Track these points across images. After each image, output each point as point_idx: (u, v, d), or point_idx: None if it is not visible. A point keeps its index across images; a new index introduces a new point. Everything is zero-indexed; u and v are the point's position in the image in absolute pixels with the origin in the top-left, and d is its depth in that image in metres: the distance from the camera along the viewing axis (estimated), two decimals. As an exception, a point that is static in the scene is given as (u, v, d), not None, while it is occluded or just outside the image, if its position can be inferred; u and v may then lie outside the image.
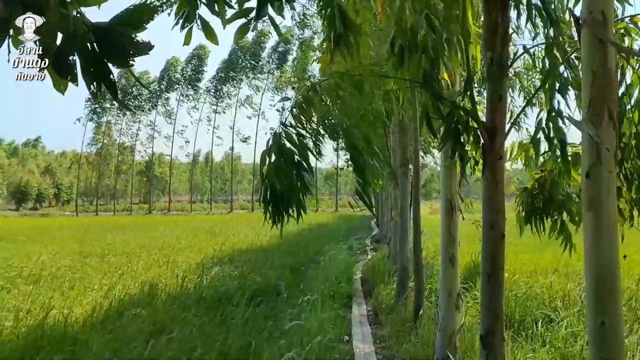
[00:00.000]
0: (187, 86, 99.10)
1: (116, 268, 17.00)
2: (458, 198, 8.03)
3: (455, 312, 7.55)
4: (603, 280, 3.04)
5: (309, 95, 4.81)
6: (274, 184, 4.23)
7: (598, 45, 3.12)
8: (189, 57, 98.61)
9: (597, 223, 3.05)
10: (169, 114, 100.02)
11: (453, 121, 4.37)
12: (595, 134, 3.05)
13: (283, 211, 4.33)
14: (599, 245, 3.05)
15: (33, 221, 59.80)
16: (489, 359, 4.28)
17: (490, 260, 4.30)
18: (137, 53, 2.14)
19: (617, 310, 3.06)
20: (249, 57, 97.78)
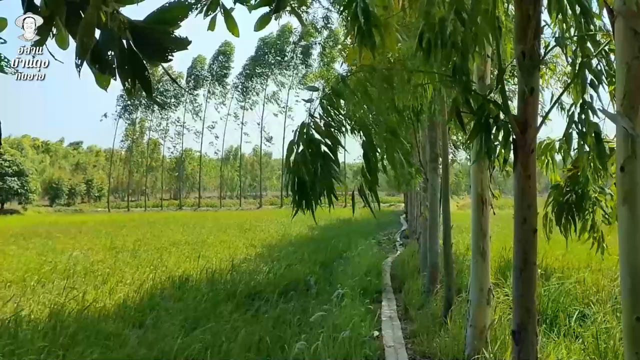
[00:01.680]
0: (215, 83, 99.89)
1: (148, 263, 17.24)
2: (489, 192, 7.96)
3: (487, 307, 7.50)
4: (638, 276, 2.99)
5: (338, 87, 4.81)
6: (300, 173, 4.23)
7: (632, 37, 3.07)
8: (215, 54, 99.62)
9: (632, 217, 3.00)
10: (196, 111, 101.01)
11: (483, 115, 4.33)
12: (630, 126, 3.00)
13: (312, 199, 4.32)
14: (634, 239, 3.00)
15: (66, 217, 60.79)
16: (521, 354, 4.25)
17: (522, 255, 4.25)
18: (176, 48, 2.16)
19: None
20: (275, 52, 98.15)
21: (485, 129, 4.32)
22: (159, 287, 13.01)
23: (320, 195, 4.32)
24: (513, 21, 4.47)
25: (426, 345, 8.36)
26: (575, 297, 10.35)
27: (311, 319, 9.29)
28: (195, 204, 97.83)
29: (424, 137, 14.26)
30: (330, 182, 4.33)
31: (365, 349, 8.04)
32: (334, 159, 4.35)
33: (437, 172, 12.18)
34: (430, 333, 8.75)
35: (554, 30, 4.86)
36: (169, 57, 2.18)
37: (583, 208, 5.79)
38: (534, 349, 4.31)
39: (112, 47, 2.10)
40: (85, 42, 2.11)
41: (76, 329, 8.75)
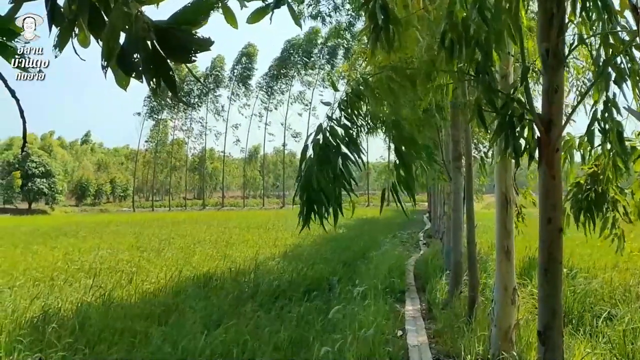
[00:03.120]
0: (239, 84, 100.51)
1: (172, 262, 17.38)
2: (513, 191, 7.91)
3: (511, 307, 7.45)
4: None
5: (359, 89, 4.81)
6: (312, 181, 4.23)
7: (658, 34, 3.04)
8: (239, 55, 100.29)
9: (659, 217, 2.97)
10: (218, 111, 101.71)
11: (507, 114, 4.31)
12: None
13: (319, 211, 4.32)
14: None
15: (92, 217, 61.63)
16: (547, 355, 4.22)
17: (547, 255, 4.23)
18: (200, 49, 2.19)
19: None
20: (302, 53, 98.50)
21: (509, 128, 4.30)
22: (183, 286, 13.12)
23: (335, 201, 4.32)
24: (536, 20, 4.44)
25: (450, 345, 8.32)
26: (601, 297, 10.25)
27: (329, 315, 9.33)
28: (219, 203, 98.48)
29: (446, 135, 14.20)
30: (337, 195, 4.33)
31: (389, 347, 8.05)
32: (355, 161, 4.35)
33: (460, 171, 12.10)
34: (454, 333, 8.71)
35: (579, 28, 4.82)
36: (192, 58, 2.20)
37: (602, 206, 5.74)
38: (560, 350, 4.29)
39: (137, 50, 2.13)
40: (112, 46, 2.14)
41: (102, 326, 8.86)
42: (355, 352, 7.48)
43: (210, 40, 2.16)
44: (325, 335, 8.47)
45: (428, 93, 5.83)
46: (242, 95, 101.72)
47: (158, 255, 20.01)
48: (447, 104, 9.12)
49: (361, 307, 10.10)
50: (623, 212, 5.99)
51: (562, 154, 5.65)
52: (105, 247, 22.50)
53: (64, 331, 8.49)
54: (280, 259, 18.23)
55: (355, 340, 7.79)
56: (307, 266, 15.66)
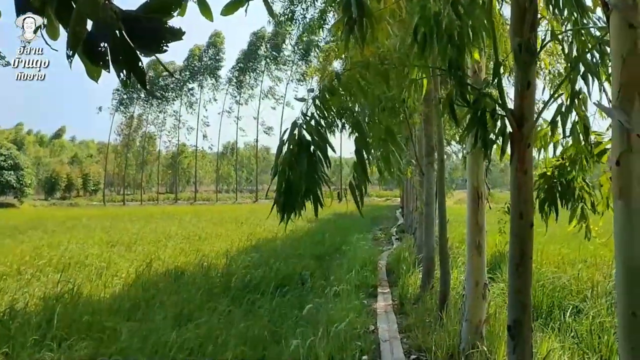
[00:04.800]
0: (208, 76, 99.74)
1: (143, 257, 17.22)
2: (484, 187, 7.95)
3: (482, 301, 7.50)
4: (634, 271, 2.97)
5: (332, 85, 4.78)
6: (288, 175, 4.19)
7: (628, 30, 3.05)
8: (206, 46, 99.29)
9: (627, 212, 2.98)
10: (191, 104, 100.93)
11: (479, 109, 4.31)
12: (625, 120, 2.97)
13: (295, 204, 4.29)
14: (630, 234, 2.98)
15: (62, 211, 60.78)
16: (517, 349, 4.24)
17: (518, 250, 4.24)
18: (170, 39, 2.13)
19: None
20: (270, 48, 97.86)
21: (481, 123, 4.31)
22: (154, 281, 13.01)
23: (306, 198, 4.28)
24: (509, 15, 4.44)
25: (421, 339, 8.35)
26: (570, 291, 10.38)
27: (302, 310, 9.31)
28: (191, 198, 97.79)
29: (419, 131, 14.26)
30: (315, 190, 4.29)
31: (361, 342, 8.05)
32: (322, 159, 4.31)
33: (432, 166, 12.16)
34: (425, 327, 8.76)
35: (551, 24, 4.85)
36: (163, 48, 2.15)
37: (568, 198, 5.80)
38: (529, 344, 4.31)
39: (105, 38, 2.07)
40: (77, 32, 2.07)
41: (70, 321, 8.73)
42: (326, 347, 7.47)
43: (181, 31, 2.11)
44: (297, 330, 8.44)
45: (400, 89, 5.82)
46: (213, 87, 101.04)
47: (129, 250, 19.82)
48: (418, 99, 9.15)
49: (333, 302, 10.10)
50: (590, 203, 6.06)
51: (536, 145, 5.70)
52: (74, 242, 22.20)
53: (31, 326, 8.35)
54: (253, 253, 18.17)
55: (327, 335, 7.78)
56: (279, 261, 15.61)
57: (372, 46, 5.60)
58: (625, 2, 3.06)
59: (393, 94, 5.76)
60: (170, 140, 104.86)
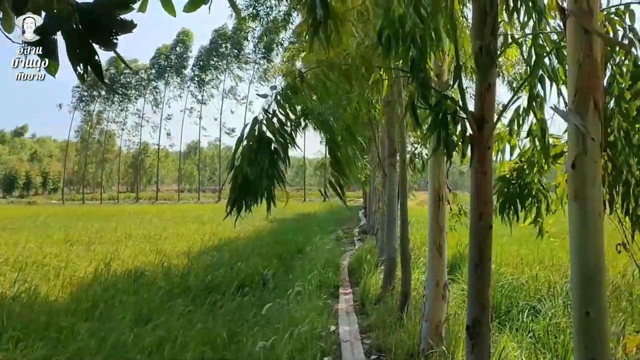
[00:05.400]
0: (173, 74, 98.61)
1: (102, 256, 16.94)
2: (446, 188, 8.04)
3: (442, 302, 7.57)
4: (588, 271, 3.04)
5: (295, 84, 4.77)
6: (245, 171, 4.18)
7: (583, 36, 3.12)
8: (173, 43, 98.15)
9: (583, 214, 3.04)
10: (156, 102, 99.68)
11: (441, 111, 4.35)
12: (581, 124, 3.04)
13: (250, 201, 4.28)
14: (584, 235, 3.04)
15: (20, 209, 59.57)
16: (475, 349, 4.29)
17: (478, 251, 4.29)
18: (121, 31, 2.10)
19: (602, 301, 3.06)
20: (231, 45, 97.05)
21: (442, 125, 4.35)
22: (113, 281, 12.82)
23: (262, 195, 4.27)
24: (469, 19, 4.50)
25: (382, 339, 8.40)
26: (528, 292, 10.54)
27: (263, 311, 9.28)
28: (153, 197, 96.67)
29: (382, 132, 14.34)
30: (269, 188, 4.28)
31: (322, 343, 8.06)
32: (283, 157, 4.31)
33: (395, 167, 12.24)
34: (386, 328, 8.80)
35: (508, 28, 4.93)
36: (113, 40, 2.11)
37: (526, 199, 5.90)
38: (487, 344, 4.37)
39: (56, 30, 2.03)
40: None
41: (27, 322, 8.55)
42: (287, 347, 7.45)
43: (133, 23, 2.08)
44: (258, 331, 8.41)
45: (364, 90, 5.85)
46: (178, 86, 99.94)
47: (88, 249, 19.49)
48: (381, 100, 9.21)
49: (295, 302, 10.09)
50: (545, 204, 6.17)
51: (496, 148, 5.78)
52: (32, 240, 21.75)
53: (-16, 327, 8.16)
54: (215, 253, 18.04)
55: (288, 336, 7.77)
56: (241, 260, 15.54)
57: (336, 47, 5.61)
58: (581, 8, 3.13)
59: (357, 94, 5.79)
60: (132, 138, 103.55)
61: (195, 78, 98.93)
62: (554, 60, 4.71)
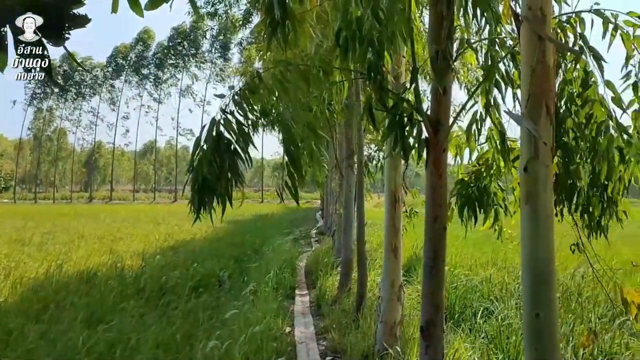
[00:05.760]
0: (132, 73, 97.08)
1: (54, 257, 16.60)
2: (402, 190, 8.09)
3: (397, 303, 7.62)
4: (539, 273, 3.09)
5: (253, 83, 4.75)
6: (204, 172, 4.13)
7: (536, 42, 3.17)
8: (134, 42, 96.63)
9: (534, 216, 3.10)
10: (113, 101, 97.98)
11: (397, 113, 4.37)
12: (533, 128, 3.09)
13: (210, 202, 4.23)
14: (536, 238, 3.10)
15: (-32, 208, 57.83)
16: (429, 350, 4.33)
17: (433, 253, 4.33)
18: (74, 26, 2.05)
19: (551, 302, 3.12)
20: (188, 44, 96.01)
21: (399, 127, 4.37)
22: (65, 282, 12.57)
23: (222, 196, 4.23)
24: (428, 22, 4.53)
25: (337, 341, 8.41)
26: (481, 293, 10.69)
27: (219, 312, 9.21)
28: (107, 197, 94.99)
29: (340, 134, 14.38)
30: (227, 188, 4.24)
31: (277, 344, 8.03)
32: (244, 158, 4.28)
33: (352, 169, 12.28)
34: (341, 329, 8.82)
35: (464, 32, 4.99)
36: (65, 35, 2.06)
37: (484, 202, 5.99)
38: (441, 344, 4.41)
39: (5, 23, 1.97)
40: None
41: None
42: (242, 349, 7.40)
43: (86, 18, 2.03)
44: (213, 332, 8.33)
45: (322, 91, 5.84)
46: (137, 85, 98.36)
47: (39, 250, 19.04)
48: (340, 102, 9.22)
49: (251, 304, 10.03)
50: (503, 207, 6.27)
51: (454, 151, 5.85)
52: (-19, 241, 21.20)
53: None
54: (170, 254, 17.84)
55: (243, 337, 7.72)
56: (197, 262, 15.40)
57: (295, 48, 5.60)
58: (535, 15, 3.19)
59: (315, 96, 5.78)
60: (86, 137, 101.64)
61: (151, 76, 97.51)
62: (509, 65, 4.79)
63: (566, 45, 4.56)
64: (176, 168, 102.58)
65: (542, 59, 3.14)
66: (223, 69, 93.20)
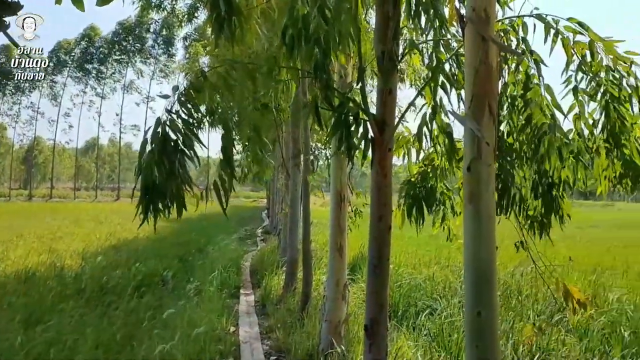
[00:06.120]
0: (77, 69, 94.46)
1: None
2: (347, 190, 8.12)
3: (342, 302, 7.64)
4: (481, 272, 3.13)
5: (198, 82, 4.66)
6: (151, 174, 4.02)
7: (480, 43, 3.21)
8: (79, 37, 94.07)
9: (477, 216, 3.14)
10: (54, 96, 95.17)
11: (343, 113, 4.37)
12: (477, 128, 3.13)
13: (159, 205, 4.12)
14: (478, 237, 3.14)
15: None
16: (373, 348, 4.34)
17: (377, 252, 4.34)
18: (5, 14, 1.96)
19: (493, 301, 3.16)
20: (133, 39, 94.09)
21: (345, 127, 4.37)
22: (2, 282, 12.17)
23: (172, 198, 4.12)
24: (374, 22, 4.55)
25: (282, 340, 8.39)
26: (425, 292, 10.83)
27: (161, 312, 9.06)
28: (47, 194, 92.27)
29: (287, 133, 14.33)
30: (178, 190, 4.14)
31: (221, 345, 7.94)
32: (191, 157, 4.19)
33: (299, 168, 12.26)
34: (286, 328, 8.80)
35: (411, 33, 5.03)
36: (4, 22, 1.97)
37: (432, 202, 6.05)
38: (385, 343, 4.43)
39: None
40: None
41: None
42: (185, 350, 7.30)
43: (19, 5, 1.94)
44: (155, 333, 8.19)
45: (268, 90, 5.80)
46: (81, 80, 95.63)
47: (-26, 249, 18.38)
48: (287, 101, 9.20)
49: (194, 304, 9.91)
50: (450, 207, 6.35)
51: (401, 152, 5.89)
52: None
53: None
54: (112, 253, 17.48)
55: (186, 338, 7.61)
56: (140, 261, 15.13)
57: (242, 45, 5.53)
58: (479, 16, 3.23)
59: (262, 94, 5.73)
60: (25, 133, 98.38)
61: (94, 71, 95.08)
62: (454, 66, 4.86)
63: (509, 47, 4.64)
64: (119, 165, 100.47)
65: (485, 60, 3.18)
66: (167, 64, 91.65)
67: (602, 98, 4.92)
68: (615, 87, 4.84)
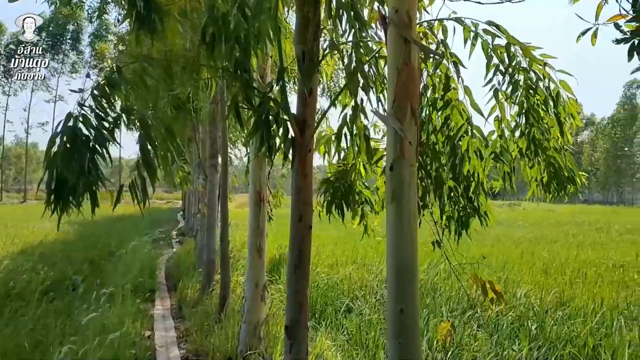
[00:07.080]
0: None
1: None
2: (267, 190, 8.09)
3: (261, 303, 7.61)
4: (403, 269, 3.17)
5: (112, 78, 4.50)
6: (61, 170, 3.84)
7: (402, 44, 3.27)
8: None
9: (399, 214, 3.18)
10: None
11: (264, 112, 4.34)
12: (399, 128, 3.18)
13: (70, 202, 3.95)
14: (401, 235, 3.18)
15: None
16: (293, 348, 4.34)
17: (297, 252, 4.35)
18: None
19: (414, 298, 3.21)
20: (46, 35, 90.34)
21: (265, 127, 4.34)
22: None
23: (82, 195, 3.95)
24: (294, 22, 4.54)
25: (199, 343, 8.25)
26: (342, 291, 10.93)
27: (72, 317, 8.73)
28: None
29: (204, 133, 14.15)
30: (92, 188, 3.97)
31: (135, 350, 7.73)
32: (104, 155, 4.02)
33: (216, 169, 12.13)
34: (204, 331, 8.66)
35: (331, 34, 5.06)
36: None
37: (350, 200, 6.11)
38: (305, 342, 4.44)
39: None
40: None
41: None
42: (98, 356, 7.05)
43: None
44: (65, 339, 7.86)
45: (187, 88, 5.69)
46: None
47: None
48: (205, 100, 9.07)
49: (107, 308, 9.60)
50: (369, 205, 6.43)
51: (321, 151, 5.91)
52: None
53: None
54: (18, 257, 16.68)
55: (98, 344, 7.35)
56: (48, 265, 14.50)
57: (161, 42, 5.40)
58: (401, 18, 3.28)
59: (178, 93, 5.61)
60: None
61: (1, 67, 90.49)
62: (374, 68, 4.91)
63: (430, 49, 4.74)
64: (26, 166, 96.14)
65: (407, 61, 3.23)
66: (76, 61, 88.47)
67: (520, 99, 5.10)
68: (532, 90, 5.02)
